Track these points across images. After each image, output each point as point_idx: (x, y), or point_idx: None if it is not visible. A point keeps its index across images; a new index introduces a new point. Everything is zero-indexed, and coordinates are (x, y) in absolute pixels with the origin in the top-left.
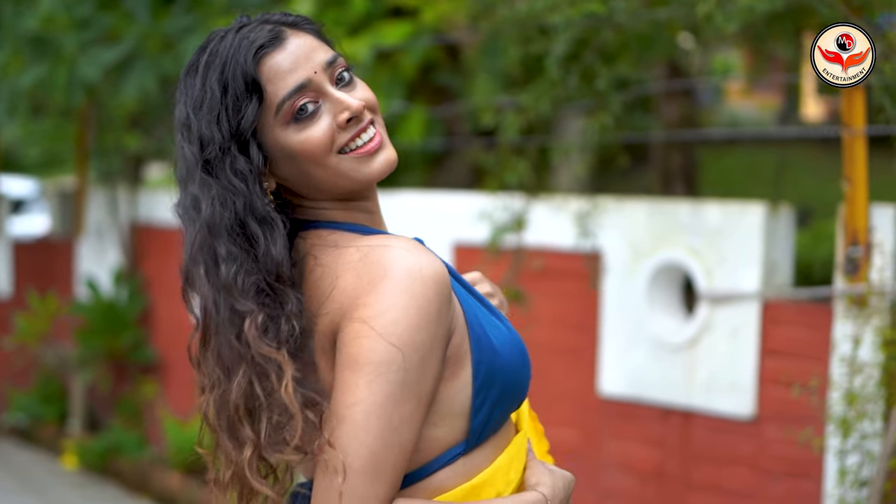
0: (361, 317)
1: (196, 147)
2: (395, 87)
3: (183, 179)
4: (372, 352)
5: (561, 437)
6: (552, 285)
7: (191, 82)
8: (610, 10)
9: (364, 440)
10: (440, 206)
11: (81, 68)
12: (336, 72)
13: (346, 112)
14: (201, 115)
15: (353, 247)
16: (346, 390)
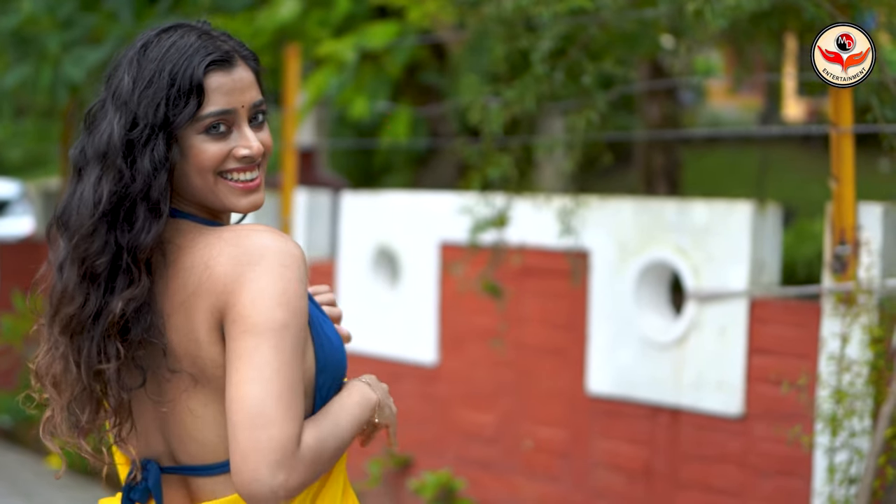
0: (252, 289)
1: (125, 123)
2: (380, 86)
3: (102, 148)
4: (271, 320)
5: (549, 437)
6: (539, 284)
7: (144, 62)
8: (597, 7)
9: (278, 392)
10: (425, 205)
11: (66, 68)
12: (254, 112)
13: (247, 150)
14: (144, 95)
15: (218, 237)
16: (254, 354)
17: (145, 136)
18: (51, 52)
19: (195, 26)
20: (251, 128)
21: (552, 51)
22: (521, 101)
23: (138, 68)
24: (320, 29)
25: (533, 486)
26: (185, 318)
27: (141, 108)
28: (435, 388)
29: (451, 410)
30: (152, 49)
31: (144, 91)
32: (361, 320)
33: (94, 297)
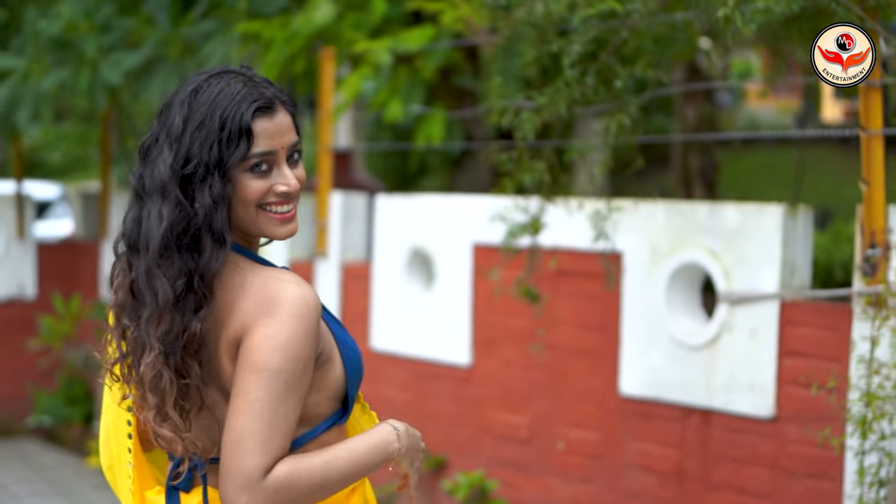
0: (262, 334)
1: (179, 159)
2: (414, 89)
3: (160, 180)
4: (270, 362)
5: (582, 438)
6: (572, 287)
7: (196, 105)
8: (627, 11)
9: (257, 427)
10: (459, 207)
11: (103, 72)
12: (291, 151)
13: (285, 187)
14: (197, 135)
15: (253, 276)
16: (249, 389)
17: (200, 172)
18: (88, 56)
19: (240, 73)
20: (288, 165)
21: (583, 55)
22: (553, 105)
23: (189, 110)
24: (355, 33)
25: (566, 487)
26: (215, 342)
27: (194, 148)
28: (469, 390)
29: (485, 412)
30: (203, 93)
31: (196, 132)
32: (396, 321)
33: (178, 318)
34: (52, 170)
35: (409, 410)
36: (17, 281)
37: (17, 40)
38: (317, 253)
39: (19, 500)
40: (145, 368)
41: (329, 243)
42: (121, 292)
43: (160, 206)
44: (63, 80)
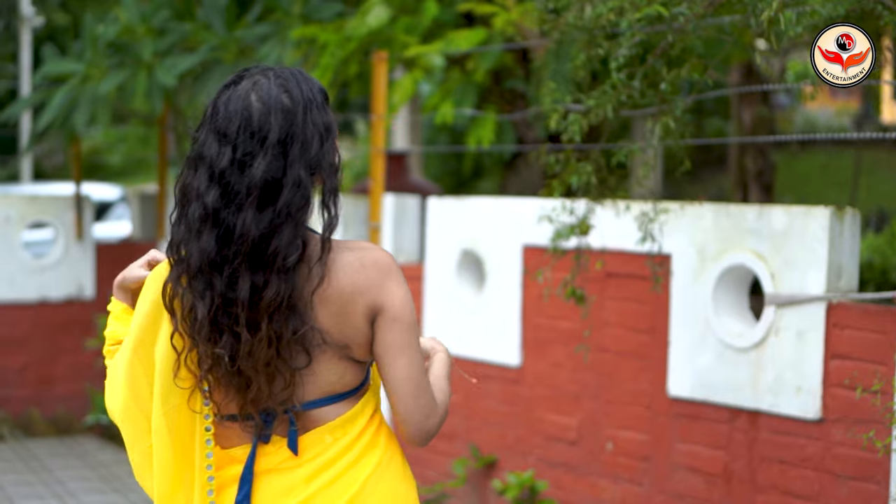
0: (399, 298)
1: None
2: (467, 92)
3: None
4: (414, 321)
5: (630, 439)
6: (621, 289)
7: (328, 113)
8: (673, 15)
9: (422, 370)
10: (508, 209)
11: (159, 75)
12: None
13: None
14: (331, 143)
15: (352, 251)
16: (411, 344)
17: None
18: (145, 59)
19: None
20: None
21: (630, 58)
22: (600, 108)
23: (328, 121)
24: (407, 36)
25: (614, 488)
26: (341, 308)
27: (333, 158)
28: (518, 390)
29: (535, 412)
30: (325, 107)
31: (332, 140)
32: (447, 322)
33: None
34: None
35: (460, 410)
36: (76, 281)
37: (76, 44)
38: None
39: (77, 497)
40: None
41: (382, 245)
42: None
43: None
44: (120, 84)
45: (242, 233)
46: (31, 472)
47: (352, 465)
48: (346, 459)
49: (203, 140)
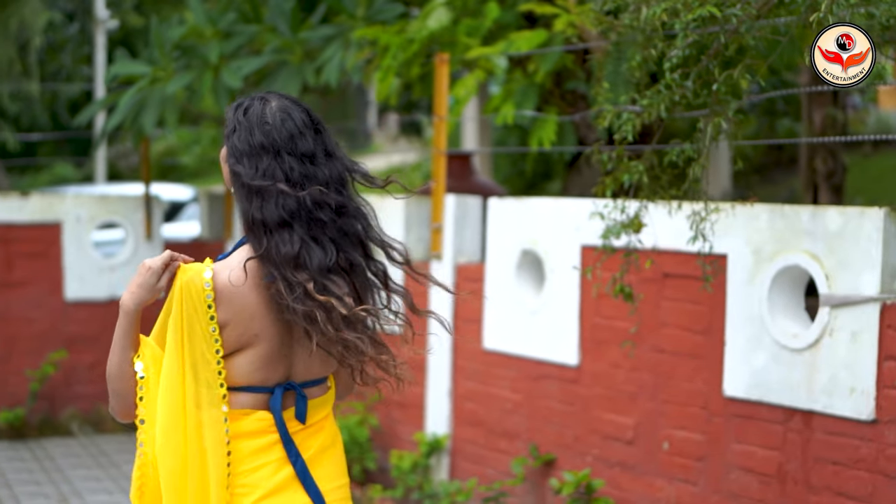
0: None
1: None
2: (528, 93)
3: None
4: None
5: (686, 439)
6: (677, 289)
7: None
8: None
9: None
10: (567, 210)
11: (225, 77)
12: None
13: None
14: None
15: None
16: None
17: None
18: (211, 61)
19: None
20: None
21: (684, 59)
22: (653, 108)
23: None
24: (469, 38)
25: (670, 487)
26: None
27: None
28: (576, 390)
29: (592, 411)
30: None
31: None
32: (507, 322)
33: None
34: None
35: (520, 409)
36: None
37: (145, 47)
38: (431, 254)
39: None
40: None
41: (443, 245)
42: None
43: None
44: (187, 85)
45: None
46: (100, 467)
47: (330, 433)
48: (327, 429)
49: (290, 163)
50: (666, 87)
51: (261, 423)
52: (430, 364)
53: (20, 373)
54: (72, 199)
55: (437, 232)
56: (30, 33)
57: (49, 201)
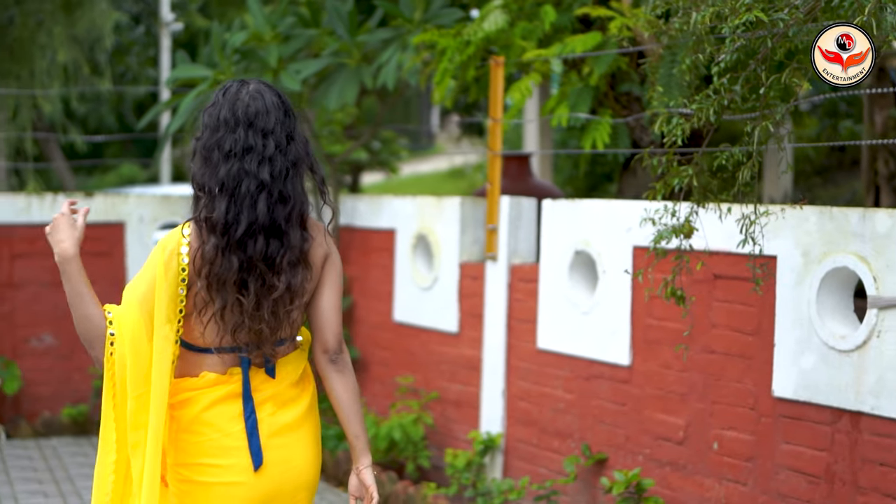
0: (336, 249)
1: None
2: (583, 95)
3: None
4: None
5: (735, 439)
6: (727, 291)
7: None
8: (773, 21)
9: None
10: (619, 212)
11: (284, 80)
12: None
13: None
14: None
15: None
16: (340, 281)
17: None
18: (271, 64)
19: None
20: None
21: (732, 63)
22: (702, 112)
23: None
24: (525, 41)
25: (720, 487)
26: (314, 263)
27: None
28: (628, 390)
29: (644, 411)
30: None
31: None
32: (560, 322)
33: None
34: None
35: (573, 409)
36: None
37: (206, 50)
38: (487, 255)
39: None
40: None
41: (498, 246)
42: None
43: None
44: None
45: (294, 201)
46: None
47: (301, 390)
48: (298, 386)
49: (241, 136)
50: (715, 91)
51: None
52: (485, 364)
53: (84, 370)
54: (134, 199)
55: (492, 233)
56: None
57: (112, 201)
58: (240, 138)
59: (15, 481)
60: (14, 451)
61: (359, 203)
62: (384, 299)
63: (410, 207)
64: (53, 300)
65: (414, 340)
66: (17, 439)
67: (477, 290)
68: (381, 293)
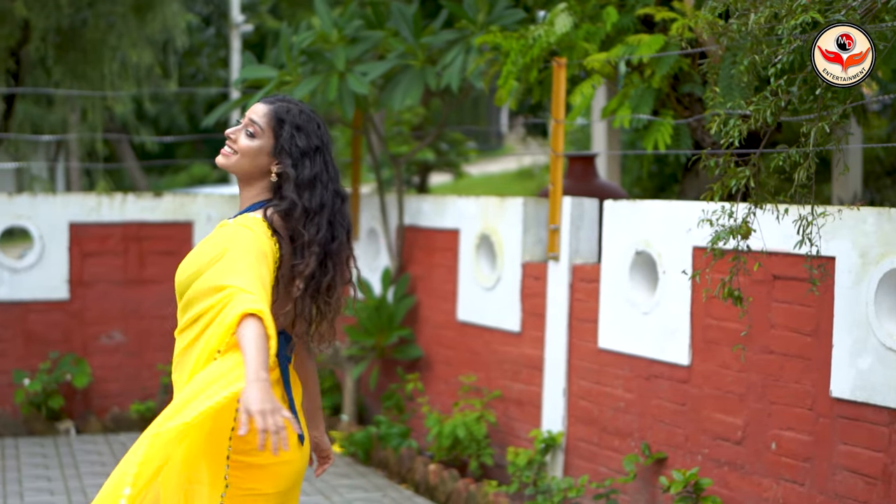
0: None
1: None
2: (645, 97)
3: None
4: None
5: (793, 439)
6: (786, 292)
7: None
8: (829, 22)
9: None
10: (678, 212)
11: (350, 82)
12: (249, 128)
13: (230, 133)
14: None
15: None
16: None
17: None
18: (337, 66)
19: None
20: (244, 134)
21: (788, 64)
22: (760, 114)
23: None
24: (587, 43)
25: (777, 487)
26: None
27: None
28: (687, 389)
29: (702, 411)
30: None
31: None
32: (621, 322)
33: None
34: None
35: (633, 408)
36: None
37: (273, 51)
38: (549, 255)
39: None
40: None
41: (560, 246)
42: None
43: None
44: (314, 90)
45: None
46: None
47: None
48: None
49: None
50: (772, 92)
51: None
52: (547, 363)
53: (152, 367)
54: (203, 199)
55: (554, 233)
56: (170, 36)
57: (181, 201)
58: (329, 164)
59: (84, 475)
60: (83, 446)
61: (423, 203)
62: (448, 299)
63: (474, 208)
64: (123, 298)
65: (477, 340)
66: (87, 434)
67: (539, 289)
68: (444, 293)
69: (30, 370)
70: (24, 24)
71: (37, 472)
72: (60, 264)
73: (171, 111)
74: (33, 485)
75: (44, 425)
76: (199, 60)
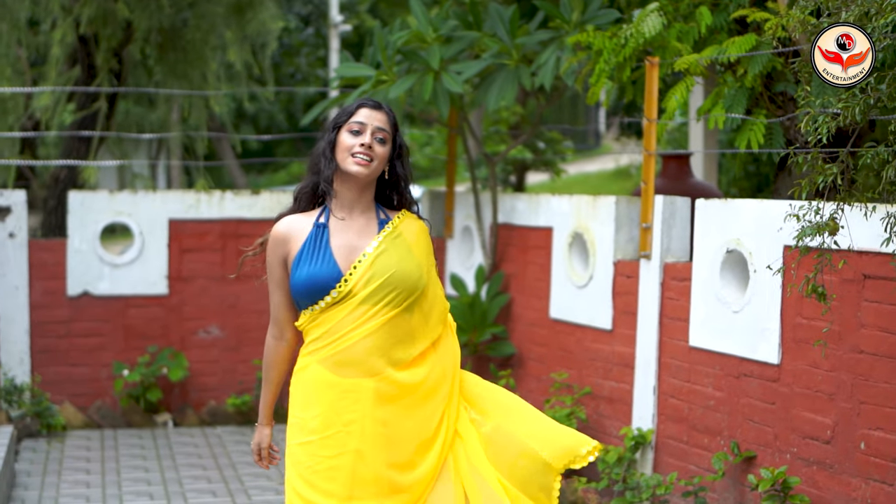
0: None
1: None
2: (738, 96)
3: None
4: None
5: (883, 439)
6: (877, 291)
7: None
8: None
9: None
10: (769, 211)
11: (445, 81)
12: (376, 133)
13: (365, 141)
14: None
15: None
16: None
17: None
18: (433, 65)
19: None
20: (374, 141)
21: (878, 62)
22: (849, 111)
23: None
24: (680, 43)
25: (866, 487)
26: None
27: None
28: (777, 388)
29: (792, 410)
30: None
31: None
32: (712, 320)
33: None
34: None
35: (722, 407)
36: None
37: (369, 50)
38: (641, 254)
39: None
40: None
41: (652, 245)
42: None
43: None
44: (409, 89)
45: None
46: None
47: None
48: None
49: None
50: (861, 90)
51: None
52: (638, 361)
53: (249, 361)
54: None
55: (646, 232)
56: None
57: (278, 199)
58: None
59: (180, 467)
60: (180, 439)
61: (517, 202)
62: (541, 296)
63: (567, 206)
64: (220, 293)
65: (569, 337)
66: (184, 427)
67: (631, 287)
68: (537, 290)
69: (129, 364)
70: (127, 24)
71: (135, 463)
72: (160, 260)
73: (270, 110)
74: (131, 475)
75: (142, 417)
76: (298, 60)
